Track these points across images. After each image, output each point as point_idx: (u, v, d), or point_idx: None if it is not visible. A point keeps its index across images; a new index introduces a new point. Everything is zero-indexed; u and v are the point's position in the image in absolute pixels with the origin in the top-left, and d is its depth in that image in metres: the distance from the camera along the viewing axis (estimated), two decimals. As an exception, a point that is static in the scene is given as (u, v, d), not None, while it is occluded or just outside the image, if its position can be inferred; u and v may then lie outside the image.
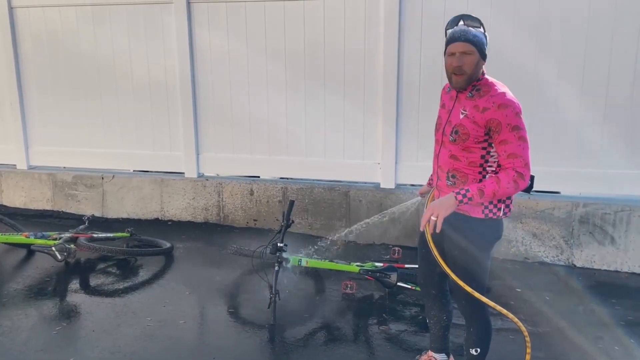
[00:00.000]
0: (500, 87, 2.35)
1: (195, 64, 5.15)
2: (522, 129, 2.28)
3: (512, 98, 2.31)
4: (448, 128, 2.42)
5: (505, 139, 2.27)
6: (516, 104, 2.30)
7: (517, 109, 2.29)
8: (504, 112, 2.26)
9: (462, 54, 2.28)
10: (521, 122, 2.29)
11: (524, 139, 2.28)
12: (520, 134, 2.27)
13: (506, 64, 4.40)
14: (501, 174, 2.28)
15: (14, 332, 3.32)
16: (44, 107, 5.65)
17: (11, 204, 5.83)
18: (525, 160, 2.29)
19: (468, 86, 2.35)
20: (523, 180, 2.27)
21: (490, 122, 2.28)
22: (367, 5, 4.65)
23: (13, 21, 5.52)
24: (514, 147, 2.27)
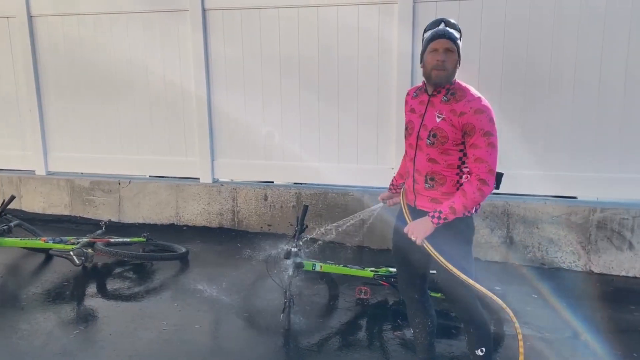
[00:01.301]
0: (475, 92, 2.42)
1: (210, 71, 5.20)
2: (493, 135, 2.35)
3: (487, 104, 2.38)
4: (424, 132, 2.47)
5: (476, 143, 2.34)
6: (491, 110, 2.37)
7: (491, 115, 2.36)
8: (480, 118, 2.32)
9: (446, 51, 2.37)
10: (494, 128, 2.36)
11: (492, 145, 2.34)
12: (490, 140, 2.34)
13: (522, 63, 4.39)
14: (466, 186, 2.37)
15: (33, 336, 3.37)
16: (62, 113, 5.74)
17: (30, 209, 5.93)
18: (491, 166, 2.35)
19: (444, 86, 2.43)
20: (487, 186, 2.34)
21: (466, 125, 2.35)
22: (381, 10, 4.66)
23: (32, 30, 5.63)
24: (482, 152, 2.34)
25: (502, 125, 4.48)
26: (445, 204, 2.39)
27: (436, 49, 2.39)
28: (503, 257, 4.61)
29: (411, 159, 2.58)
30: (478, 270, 4.33)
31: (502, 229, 4.59)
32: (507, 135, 4.53)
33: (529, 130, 4.49)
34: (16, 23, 5.64)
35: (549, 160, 4.48)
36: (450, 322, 3.54)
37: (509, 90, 4.48)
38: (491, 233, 4.61)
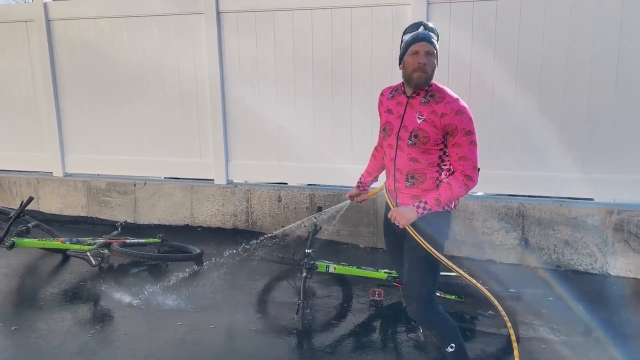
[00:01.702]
0: (452, 93, 2.52)
1: (225, 73, 5.24)
2: (473, 133, 2.48)
3: (465, 105, 2.50)
4: (404, 133, 2.56)
5: (458, 143, 2.46)
6: (468, 109, 2.49)
7: (470, 115, 2.49)
8: (461, 118, 2.44)
9: (427, 54, 2.47)
10: (473, 127, 2.48)
11: (474, 143, 2.48)
12: (471, 138, 2.47)
13: (537, 64, 4.36)
14: (452, 180, 2.50)
15: (50, 335, 3.42)
16: (78, 116, 5.82)
17: (47, 210, 6.01)
18: (474, 163, 2.49)
19: (423, 88, 2.53)
20: (472, 182, 2.49)
21: (448, 126, 2.46)
22: (394, 12, 4.66)
23: (50, 33, 5.71)
24: (465, 150, 2.46)
25: (515, 126, 4.47)
26: (430, 195, 2.50)
27: (417, 51, 2.47)
28: (518, 259, 4.58)
29: (392, 159, 2.65)
30: (494, 272, 4.33)
31: (517, 230, 4.55)
32: (522, 136, 4.51)
33: (543, 132, 4.45)
34: (34, 27, 5.73)
35: (564, 161, 4.44)
36: (465, 325, 3.52)
37: (522, 90, 4.45)
38: (506, 235, 4.58)
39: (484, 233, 4.63)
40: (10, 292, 4.09)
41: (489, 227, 4.61)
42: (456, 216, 4.67)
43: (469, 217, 4.65)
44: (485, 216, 4.61)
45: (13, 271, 4.46)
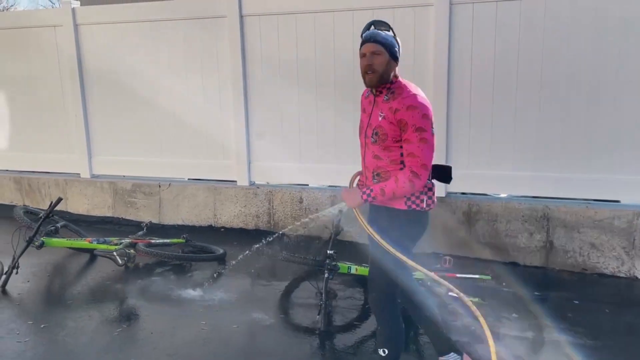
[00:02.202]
0: (413, 90, 2.50)
1: (247, 75, 5.29)
2: (426, 130, 2.42)
3: (422, 101, 2.46)
4: (369, 131, 2.59)
5: (409, 139, 2.44)
6: (425, 106, 2.44)
7: (425, 112, 2.43)
8: (412, 114, 2.41)
9: (372, 54, 2.48)
10: (427, 124, 2.42)
11: (425, 140, 2.42)
12: (422, 135, 2.41)
13: (562, 64, 4.31)
14: (399, 174, 2.48)
15: (78, 333, 3.50)
16: (105, 118, 5.94)
17: (75, 210, 6.15)
18: (423, 161, 2.43)
19: (381, 85, 2.53)
20: (418, 179, 2.44)
21: (400, 122, 2.44)
22: (416, 13, 4.65)
23: (78, 37, 5.84)
24: (414, 147, 2.43)
25: (540, 127, 4.42)
26: (377, 185, 2.53)
27: (364, 53, 2.51)
28: (542, 261, 4.52)
29: (362, 157, 2.71)
30: (518, 275, 4.28)
31: (541, 233, 4.50)
32: (547, 138, 4.45)
33: (568, 132, 4.39)
34: (62, 31, 5.87)
35: (591, 162, 4.37)
36: (488, 327, 3.50)
37: (546, 91, 4.39)
38: (530, 237, 4.52)
39: (508, 235, 4.59)
40: (40, 290, 4.19)
41: (513, 229, 4.57)
42: (479, 218, 4.64)
43: (492, 219, 4.61)
44: (509, 218, 4.56)
45: (42, 270, 4.58)
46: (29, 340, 3.42)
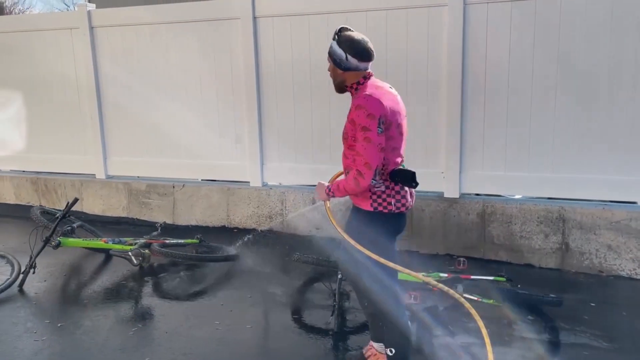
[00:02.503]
0: (369, 90, 2.55)
1: (260, 77, 5.31)
2: (370, 130, 2.44)
3: (370, 100, 2.48)
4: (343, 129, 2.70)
5: (357, 137, 2.50)
6: (371, 105, 2.46)
7: (370, 111, 2.45)
8: (358, 113, 2.48)
9: (330, 67, 2.72)
10: (371, 123, 2.44)
11: (368, 139, 2.45)
12: (366, 134, 2.45)
13: (578, 64, 4.27)
14: (350, 173, 2.56)
15: (94, 332, 3.54)
16: (120, 120, 6.00)
17: (90, 211, 6.21)
18: (366, 159, 2.46)
19: (344, 91, 2.70)
20: (362, 178, 2.48)
21: (352, 121, 2.53)
22: (430, 14, 4.63)
23: (93, 39, 5.91)
24: (359, 146, 2.49)
25: (556, 128, 4.38)
26: (337, 181, 2.67)
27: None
28: (558, 263, 4.48)
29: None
30: (533, 277, 4.25)
31: (557, 234, 4.45)
32: (563, 138, 4.41)
33: (584, 133, 4.35)
34: (79, 34, 5.93)
35: (608, 163, 4.32)
36: (503, 329, 3.47)
37: (562, 92, 4.35)
38: (545, 239, 4.48)
39: (523, 237, 4.55)
40: (56, 289, 4.24)
41: (528, 231, 4.53)
42: (493, 219, 4.61)
43: (506, 220, 4.58)
44: (524, 219, 4.53)
45: (59, 269, 4.63)
46: (46, 339, 3.46)
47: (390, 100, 2.57)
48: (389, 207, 2.61)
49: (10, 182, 6.63)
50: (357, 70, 2.62)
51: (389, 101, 2.55)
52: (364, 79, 2.64)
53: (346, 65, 2.61)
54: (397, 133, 2.59)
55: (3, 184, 6.68)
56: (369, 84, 2.61)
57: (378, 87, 2.60)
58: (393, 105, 2.57)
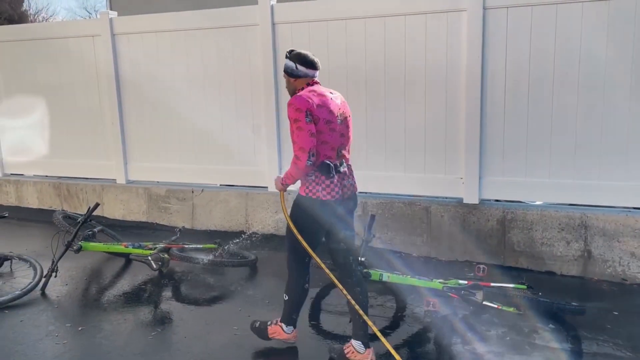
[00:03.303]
0: (300, 92, 3.04)
1: (279, 83, 5.33)
2: (300, 120, 2.91)
3: (298, 99, 2.95)
4: None
5: (291, 129, 2.97)
6: (299, 102, 2.93)
7: (298, 106, 2.93)
8: (289, 110, 2.96)
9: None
10: (300, 115, 2.91)
11: (300, 128, 2.91)
12: (298, 124, 2.91)
13: (600, 69, 4.21)
14: (292, 159, 2.98)
15: (114, 336, 3.58)
16: (140, 125, 6.07)
17: (111, 215, 6.29)
18: (300, 145, 2.91)
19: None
20: (299, 161, 2.92)
21: (289, 118, 2.97)
22: (449, 19, 4.61)
23: (115, 47, 6.00)
24: (294, 135, 2.94)
25: (578, 133, 4.30)
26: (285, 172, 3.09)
27: None
28: (580, 271, 4.40)
29: None
30: (555, 284, 4.18)
31: (579, 241, 4.38)
32: (584, 143, 4.35)
33: (607, 138, 4.28)
34: (100, 41, 6.03)
35: (630, 169, 4.25)
36: (523, 338, 3.42)
37: (584, 96, 4.29)
38: (567, 246, 4.41)
39: (544, 244, 4.49)
40: (77, 293, 4.30)
41: (549, 238, 4.46)
42: (514, 226, 4.55)
43: (527, 227, 4.52)
44: (545, 226, 4.47)
45: (80, 273, 4.70)
46: (67, 342, 3.51)
47: (319, 100, 3.00)
48: (317, 193, 3.02)
49: (34, 187, 6.76)
50: (305, 77, 3.13)
51: (317, 100, 2.99)
52: (307, 85, 3.13)
53: (296, 73, 3.12)
54: (327, 129, 3.00)
55: (27, 188, 6.81)
56: (308, 89, 3.08)
57: (311, 90, 3.07)
58: (322, 104, 3.00)
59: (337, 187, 3.04)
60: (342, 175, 3.11)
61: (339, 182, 3.06)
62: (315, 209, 3.04)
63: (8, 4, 28.83)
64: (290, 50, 3.20)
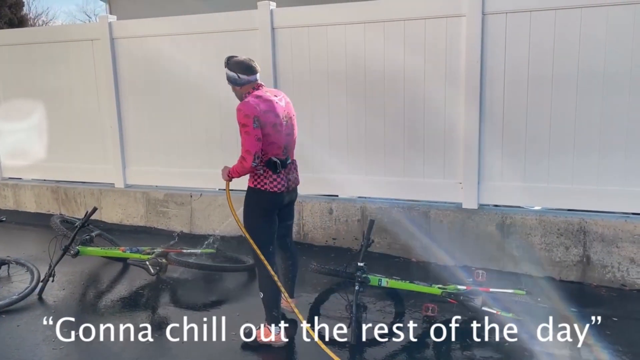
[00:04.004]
0: (251, 97, 3.29)
1: (279, 86, 5.33)
2: (247, 126, 3.19)
3: (247, 105, 3.22)
4: None
5: (240, 133, 3.24)
6: (247, 109, 3.20)
7: (246, 112, 3.19)
8: (238, 115, 3.23)
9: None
10: (248, 121, 3.18)
11: (247, 133, 3.20)
12: (245, 129, 3.20)
13: (600, 77, 4.21)
14: (239, 158, 3.29)
15: (112, 341, 3.55)
16: (139, 129, 6.06)
17: (109, 220, 6.28)
18: (246, 147, 3.22)
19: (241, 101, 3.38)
20: (245, 162, 3.24)
21: (237, 121, 3.25)
22: (448, 24, 4.62)
23: (114, 50, 5.99)
24: (242, 139, 3.24)
25: (577, 138, 4.30)
26: (232, 166, 3.42)
27: None
28: (579, 277, 4.39)
29: None
30: (554, 290, 4.17)
31: (577, 247, 4.38)
32: (583, 149, 4.35)
33: (606, 144, 4.28)
34: (99, 45, 6.03)
35: (629, 175, 4.24)
36: (523, 345, 3.41)
37: (583, 102, 4.30)
38: (566, 251, 4.41)
39: (543, 249, 4.48)
40: (75, 298, 4.28)
41: (548, 243, 4.46)
42: (513, 231, 4.55)
43: (526, 232, 4.51)
44: (544, 232, 4.46)
45: (77, 278, 4.67)
46: (64, 347, 3.49)
47: (266, 106, 3.27)
48: (265, 186, 3.36)
49: (32, 191, 6.74)
50: (248, 83, 3.36)
51: (264, 106, 3.25)
52: (253, 89, 3.36)
53: (240, 82, 3.37)
54: (273, 131, 3.28)
55: (25, 192, 6.79)
56: (254, 93, 3.32)
57: (258, 95, 3.31)
58: (268, 109, 3.27)
59: (283, 180, 3.40)
60: (288, 170, 3.46)
61: (285, 176, 3.42)
62: (264, 199, 3.40)
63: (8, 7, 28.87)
64: (228, 59, 3.41)
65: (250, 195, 3.43)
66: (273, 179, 3.36)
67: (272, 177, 3.36)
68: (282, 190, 3.40)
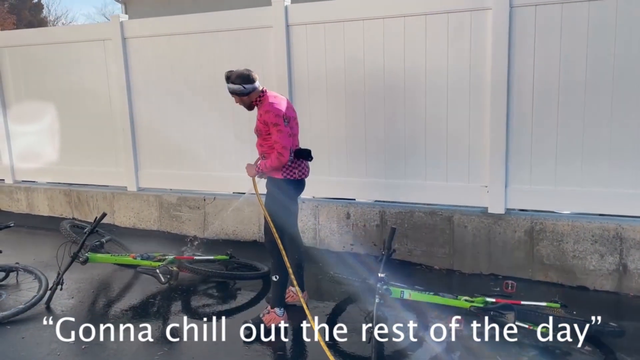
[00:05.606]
0: (271, 99, 3.58)
1: (293, 85, 5.13)
2: (279, 124, 3.48)
3: (275, 107, 3.52)
4: (255, 129, 3.72)
5: (272, 132, 3.51)
6: (276, 109, 3.51)
7: (277, 113, 3.50)
8: (269, 115, 3.50)
9: (237, 100, 3.72)
10: (279, 120, 3.49)
11: (280, 131, 3.48)
12: (278, 128, 3.48)
13: (636, 71, 3.94)
14: (272, 154, 3.54)
15: (119, 355, 3.39)
16: (151, 132, 5.91)
17: (122, 224, 6.14)
18: (282, 144, 3.48)
19: (250, 109, 3.73)
20: (283, 157, 3.49)
21: (265, 122, 3.52)
22: (473, 18, 4.37)
23: (126, 50, 5.85)
24: (275, 136, 3.50)
25: (613, 139, 4.01)
26: (263, 161, 3.63)
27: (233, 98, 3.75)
28: (615, 286, 4.11)
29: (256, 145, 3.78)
30: (588, 300, 3.90)
31: (614, 255, 4.09)
32: (619, 150, 4.06)
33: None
34: (111, 45, 5.90)
35: None
36: (558, 362, 3.15)
37: (618, 98, 4.01)
38: (601, 259, 4.13)
39: (575, 257, 4.20)
40: (83, 307, 4.13)
41: (581, 251, 4.18)
42: (543, 237, 4.28)
43: (557, 238, 4.24)
44: (577, 238, 4.18)
45: (87, 286, 4.53)
46: (69, 361, 3.33)
47: (285, 104, 3.62)
48: (294, 175, 3.66)
49: (45, 194, 6.64)
50: (254, 90, 3.61)
51: (285, 104, 3.60)
52: (262, 92, 3.63)
53: (246, 91, 3.59)
54: (294, 125, 3.66)
55: (37, 196, 6.69)
56: (269, 96, 3.62)
57: (275, 96, 3.64)
58: (288, 107, 3.64)
59: (306, 167, 3.76)
60: None
61: (305, 163, 3.75)
62: (292, 188, 3.70)
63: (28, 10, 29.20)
64: (228, 76, 3.64)
65: (281, 187, 3.67)
66: (301, 168, 3.70)
67: (301, 165, 3.68)
68: (306, 176, 3.77)
